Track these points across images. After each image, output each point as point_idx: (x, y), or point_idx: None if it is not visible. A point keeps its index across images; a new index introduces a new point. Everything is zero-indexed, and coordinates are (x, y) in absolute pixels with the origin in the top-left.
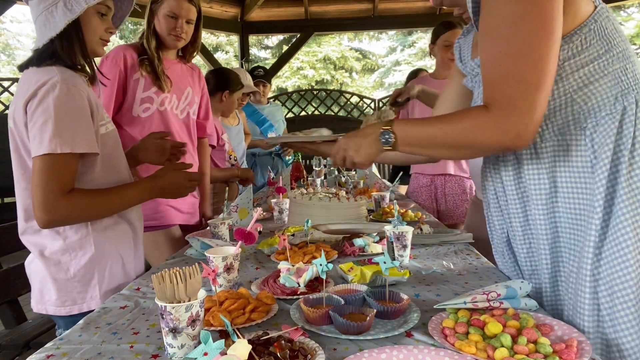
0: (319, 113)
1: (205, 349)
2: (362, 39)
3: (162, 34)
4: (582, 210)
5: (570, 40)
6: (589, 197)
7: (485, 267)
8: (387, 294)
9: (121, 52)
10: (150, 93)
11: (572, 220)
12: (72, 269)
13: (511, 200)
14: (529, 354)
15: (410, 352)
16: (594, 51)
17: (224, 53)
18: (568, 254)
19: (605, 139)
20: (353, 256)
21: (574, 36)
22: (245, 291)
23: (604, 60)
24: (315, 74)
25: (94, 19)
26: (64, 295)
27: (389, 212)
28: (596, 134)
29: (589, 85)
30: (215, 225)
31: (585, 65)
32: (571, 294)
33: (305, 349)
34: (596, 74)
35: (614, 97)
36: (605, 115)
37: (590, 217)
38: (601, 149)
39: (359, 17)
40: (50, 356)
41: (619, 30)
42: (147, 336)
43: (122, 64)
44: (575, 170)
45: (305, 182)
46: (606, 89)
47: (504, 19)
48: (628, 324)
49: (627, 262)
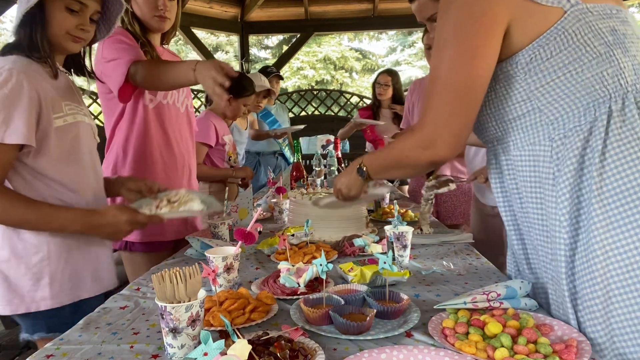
0: (319, 113)
1: (205, 349)
2: (362, 39)
3: (145, 18)
4: (549, 224)
5: (527, 53)
6: (552, 210)
7: (485, 267)
8: (387, 294)
9: (125, 31)
10: None
11: (541, 232)
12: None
13: (500, 204)
14: (529, 354)
15: (410, 352)
16: (559, 61)
17: (224, 53)
18: (545, 265)
19: (569, 152)
20: (353, 256)
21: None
22: (245, 291)
23: (572, 69)
24: (315, 74)
25: (61, 14)
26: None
27: (389, 212)
28: (562, 146)
29: (554, 96)
30: (215, 225)
31: (549, 76)
32: (558, 306)
33: (305, 349)
34: (562, 85)
35: (584, 108)
36: (573, 128)
37: (557, 230)
38: (564, 162)
39: (359, 17)
40: (50, 356)
41: (601, 31)
42: (147, 336)
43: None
44: (539, 182)
45: (305, 182)
46: (574, 99)
47: (438, 43)
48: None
49: (594, 279)
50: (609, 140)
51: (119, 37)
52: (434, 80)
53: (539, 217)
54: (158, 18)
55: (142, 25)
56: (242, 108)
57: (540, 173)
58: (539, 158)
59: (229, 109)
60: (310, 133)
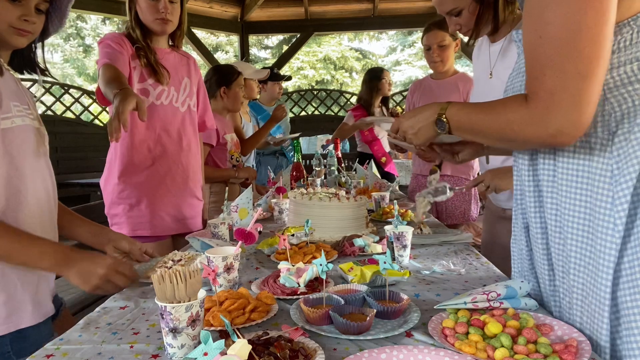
0: (319, 113)
1: (205, 349)
2: (362, 39)
3: (147, 22)
4: (595, 223)
5: (620, 31)
6: (603, 210)
7: (485, 267)
8: (387, 294)
9: (119, 36)
10: (146, 85)
11: (579, 231)
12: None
13: (527, 192)
14: (529, 354)
15: (410, 352)
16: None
17: (224, 53)
18: (574, 264)
19: (635, 150)
20: (353, 256)
21: (625, 27)
22: (245, 291)
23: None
24: (315, 74)
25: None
26: None
27: (389, 212)
28: (626, 142)
29: (627, 85)
30: (215, 225)
31: (629, 62)
32: (578, 309)
33: (305, 349)
34: (639, 74)
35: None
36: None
37: (607, 233)
38: (628, 160)
39: (359, 17)
40: (50, 356)
41: None
42: (147, 336)
43: (126, 47)
44: (591, 177)
45: (305, 182)
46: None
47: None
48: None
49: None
50: None
51: (107, 42)
52: (549, 41)
53: (582, 215)
54: (160, 21)
55: (145, 28)
56: (240, 97)
57: (594, 169)
58: (593, 151)
59: (230, 102)
60: (310, 133)
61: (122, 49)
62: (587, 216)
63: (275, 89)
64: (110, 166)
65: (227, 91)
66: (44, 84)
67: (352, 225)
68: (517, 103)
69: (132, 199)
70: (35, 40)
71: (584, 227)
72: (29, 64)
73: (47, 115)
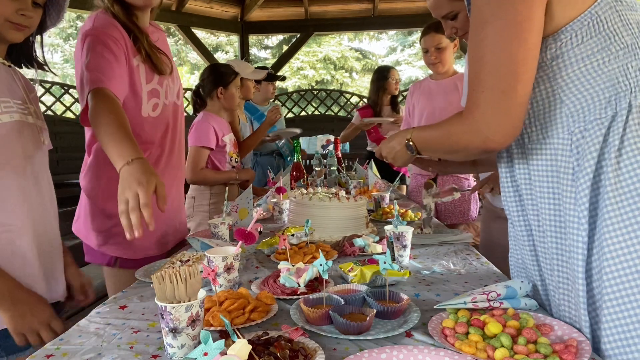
0: (319, 113)
1: (205, 349)
2: (362, 39)
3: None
4: (565, 219)
5: (559, 37)
6: (571, 206)
7: (485, 267)
8: (387, 294)
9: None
10: (154, 84)
11: (555, 229)
12: None
13: (508, 197)
14: (529, 354)
15: (410, 352)
16: (587, 49)
17: (224, 53)
18: (557, 261)
19: (590, 147)
20: (353, 256)
21: (563, 33)
22: (245, 291)
23: (599, 58)
24: (315, 74)
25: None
26: None
27: (389, 212)
28: (582, 139)
29: (578, 86)
30: (215, 225)
31: (576, 63)
32: (565, 305)
33: (305, 349)
34: (587, 74)
35: (606, 101)
36: (594, 120)
37: (574, 227)
38: (585, 156)
39: (359, 17)
40: (50, 356)
41: (629, 22)
42: (147, 336)
43: (123, 41)
44: (559, 176)
45: (305, 182)
46: (598, 90)
47: (477, 21)
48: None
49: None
50: (625, 137)
51: (99, 37)
52: (477, 61)
53: (554, 214)
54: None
55: (124, 4)
56: (236, 97)
57: (559, 167)
58: (557, 152)
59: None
60: (310, 133)
61: (119, 47)
62: (559, 213)
63: (269, 89)
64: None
65: (224, 92)
66: (43, 84)
67: (352, 225)
68: (456, 118)
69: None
70: (33, 34)
71: (558, 225)
72: (26, 58)
73: (47, 116)
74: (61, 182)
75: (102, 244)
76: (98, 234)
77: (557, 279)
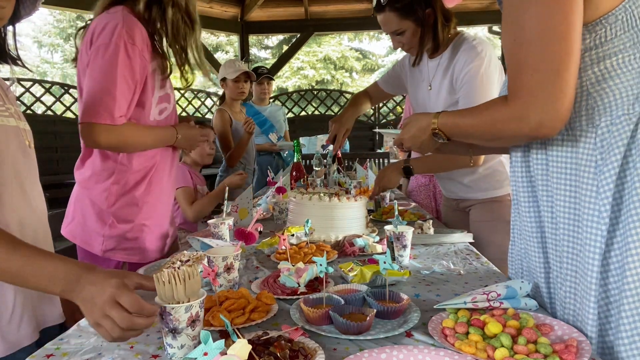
0: (319, 113)
1: (205, 349)
2: (362, 39)
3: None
4: (581, 212)
5: (594, 29)
6: (591, 199)
7: (485, 267)
8: (387, 294)
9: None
10: (167, 89)
11: (569, 220)
12: None
13: (519, 185)
14: (529, 354)
15: (410, 352)
16: (620, 43)
17: (224, 53)
18: (567, 253)
19: (617, 141)
20: (353, 256)
21: (597, 25)
22: (245, 291)
23: (630, 54)
24: (315, 74)
25: None
26: None
27: (389, 212)
28: (608, 133)
29: (608, 80)
30: (215, 225)
31: (607, 58)
32: (571, 298)
33: (305, 349)
34: (618, 69)
35: (635, 97)
36: (622, 115)
37: (593, 221)
38: (610, 151)
39: (359, 17)
40: (50, 356)
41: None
42: (147, 335)
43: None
44: (578, 168)
45: (305, 182)
46: (627, 86)
47: (517, 4)
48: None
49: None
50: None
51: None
52: (522, 43)
53: (569, 205)
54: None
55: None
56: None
57: (579, 160)
58: (579, 144)
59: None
60: (310, 133)
61: (145, 61)
62: (575, 205)
63: (257, 89)
64: None
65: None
66: (43, 84)
67: (352, 225)
68: (499, 104)
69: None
70: (4, 26)
71: (573, 217)
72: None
73: (47, 115)
74: (61, 182)
75: (109, 250)
76: (105, 239)
77: (566, 272)
